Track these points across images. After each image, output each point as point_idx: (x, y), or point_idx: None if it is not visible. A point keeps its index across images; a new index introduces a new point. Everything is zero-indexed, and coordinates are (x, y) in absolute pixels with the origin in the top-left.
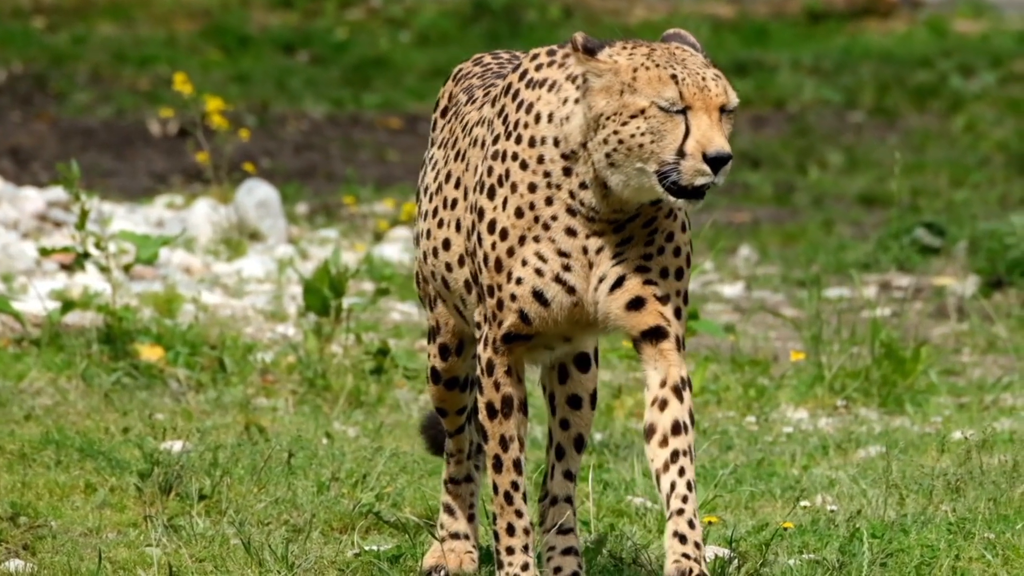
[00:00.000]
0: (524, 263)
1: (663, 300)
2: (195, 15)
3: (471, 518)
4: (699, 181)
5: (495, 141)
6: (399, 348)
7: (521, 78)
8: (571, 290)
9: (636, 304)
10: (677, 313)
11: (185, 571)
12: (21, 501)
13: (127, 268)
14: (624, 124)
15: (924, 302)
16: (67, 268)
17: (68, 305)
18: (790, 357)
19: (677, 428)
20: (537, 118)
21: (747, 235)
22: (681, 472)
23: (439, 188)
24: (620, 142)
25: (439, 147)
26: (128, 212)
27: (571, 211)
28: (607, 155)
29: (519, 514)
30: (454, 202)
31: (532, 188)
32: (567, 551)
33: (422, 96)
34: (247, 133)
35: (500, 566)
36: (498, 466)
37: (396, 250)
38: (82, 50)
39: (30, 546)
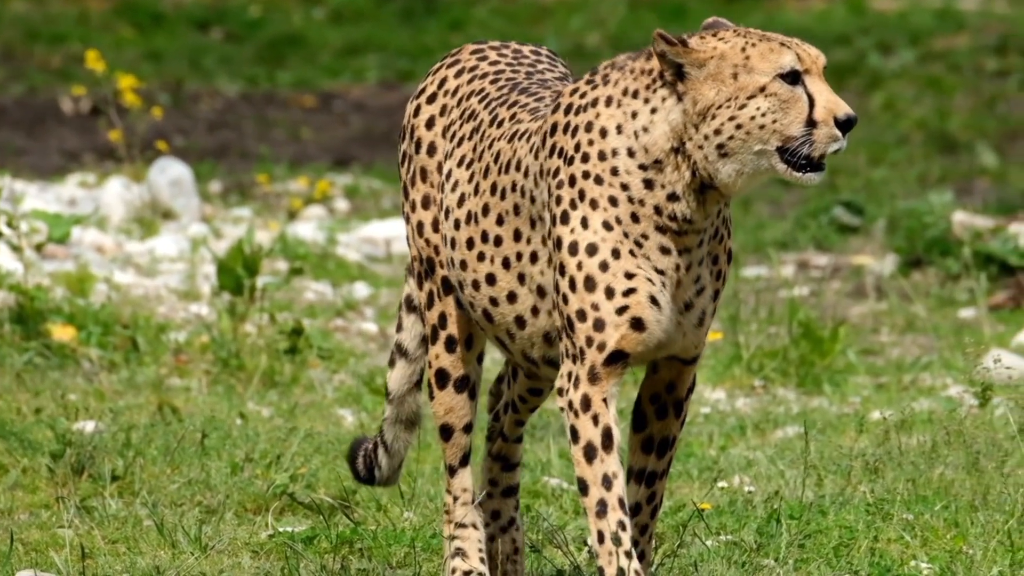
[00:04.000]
0: (629, 275)
1: (708, 330)
2: None
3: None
4: (832, 148)
5: (555, 175)
6: (313, 328)
7: (567, 112)
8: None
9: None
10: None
11: (98, 552)
12: None
13: (39, 247)
14: (742, 107)
15: (842, 281)
16: None
17: None
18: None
19: (664, 444)
20: (603, 132)
21: None
22: (651, 498)
23: (471, 217)
24: (738, 127)
25: (458, 165)
26: (40, 190)
27: (660, 229)
28: (719, 146)
29: (629, 555)
30: (498, 239)
31: (613, 202)
32: (508, 491)
33: (336, 73)
34: (160, 111)
35: None
36: (602, 511)
37: (310, 229)
38: None
39: None
